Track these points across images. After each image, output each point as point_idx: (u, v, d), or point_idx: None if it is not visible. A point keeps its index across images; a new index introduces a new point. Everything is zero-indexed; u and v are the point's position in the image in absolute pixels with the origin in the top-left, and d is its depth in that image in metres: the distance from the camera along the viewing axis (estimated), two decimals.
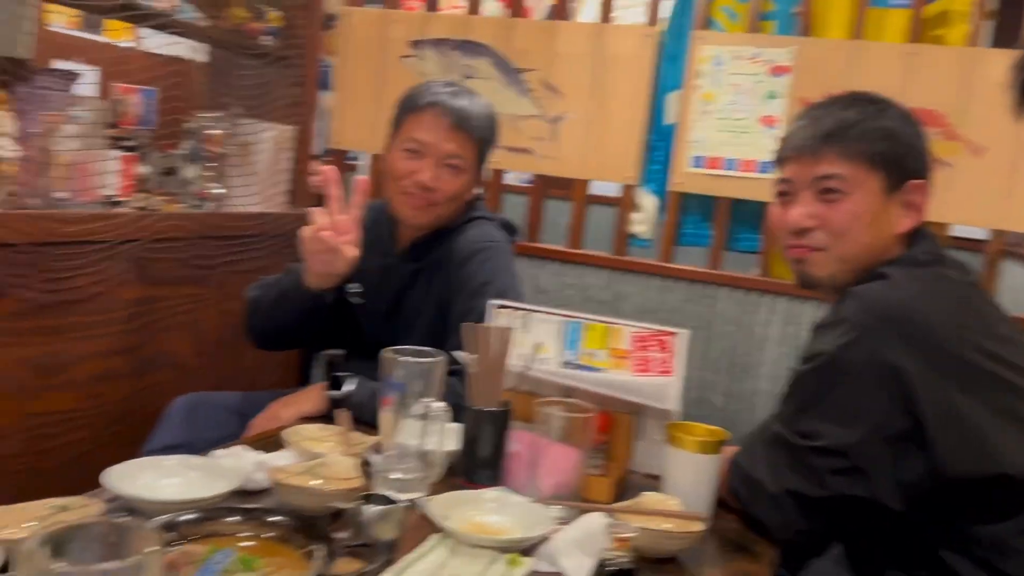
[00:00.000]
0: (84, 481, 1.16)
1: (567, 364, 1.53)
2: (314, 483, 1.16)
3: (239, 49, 2.44)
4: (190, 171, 2.29)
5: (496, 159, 2.26)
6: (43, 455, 1.91)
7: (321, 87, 2.80)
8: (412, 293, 1.85)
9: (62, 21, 3.48)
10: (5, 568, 0.91)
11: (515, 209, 2.70)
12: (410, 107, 1.80)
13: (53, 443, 1.93)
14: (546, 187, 2.73)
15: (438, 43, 2.69)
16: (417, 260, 1.85)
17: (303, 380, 2.20)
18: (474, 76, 2.63)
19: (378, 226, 1.89)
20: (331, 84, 2.87)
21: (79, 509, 1.04)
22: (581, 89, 2.55)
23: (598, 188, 2.76)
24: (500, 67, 2.62)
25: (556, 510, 1.21)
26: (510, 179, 2.88)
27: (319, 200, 3.76)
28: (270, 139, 2.52)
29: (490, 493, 1.25)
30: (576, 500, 1.25)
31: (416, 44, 2.72)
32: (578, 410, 1.26)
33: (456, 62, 2.66)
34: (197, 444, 1.63)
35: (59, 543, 0.68)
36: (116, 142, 2.12)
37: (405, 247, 1.87)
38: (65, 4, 2.00)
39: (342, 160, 2.94)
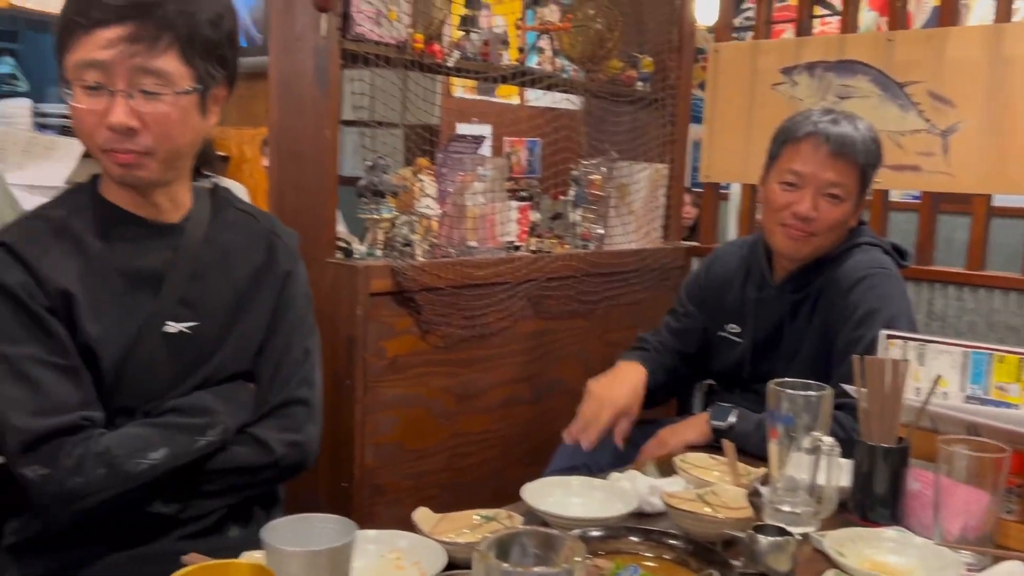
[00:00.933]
0: (494, 495, 1.33)
1: (971, 399, 1.42)
2: (706, 510, 1.21)
3: (614, 97, 2.61)
4: (575, 215, 2.49)
5: (879, 179, 2.16)
6: (462, 471, 2.19)
7: (690, 121, 2.88)
8: (793, 325, 1.83)
9: (463, 89, 3.97)
10: (449, 567, 1.07)
11: (900, 227, 2.54)
12: (787, 138, 1.80)
13: (469, 460, 2.21)
14: (936, 202, 2.54)
15: (811, 66, 2.64)
16: (796, 291, 1.84)
17: (683, 410, 2.27)
18: (851, 96, 2.54)
19: (753, 257, 1.91)
20: (700, 118, 2.95)
21: (503, 520, 1.20)
22: (976, 97, 2.34)
23: (1000, 200, 2.50)
24: (879, 83, 2.50)
25: (966, 555, 1.13)
26: (893, 195, 2.71)
27: (691, 233, 3.84)
28: (645, 178, 2.65)
29: (888, 532, 1.21)
30: (990, 546, 1.16)
31: (787, 71, 2.69)
32: (988, 449, 1.17)
33: (831, 84, 2.59)
34: (594, 467, 1.77)
35: (502, 547, 0.81)
36: (513, 193, 2.38)
37: (783, 278, 1.86)
38: (469, 77, 2.30)
39: (714, 191, 2.99)
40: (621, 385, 1.83)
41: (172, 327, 1.26)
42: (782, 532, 1.10)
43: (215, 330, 1.29)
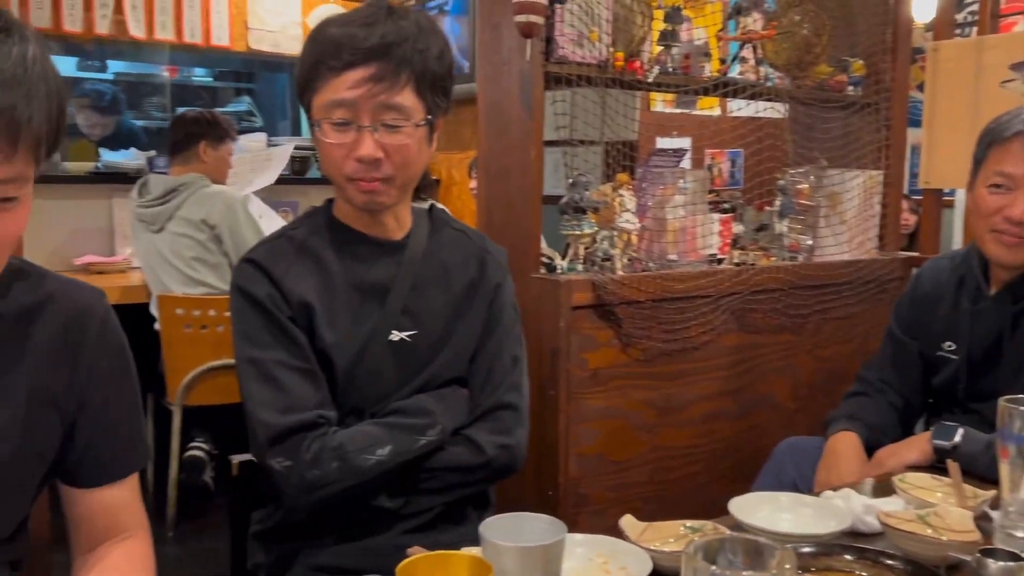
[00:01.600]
0: (699, 509, 1.32)
1: None
2: (928, 532, 1.15)
3: (823, 103, 2.52)
4: (781, 225, 2.42)
5: None
6: (665, 484, 2.18)
7: (908, 125, 2.73)
8: (1015, 337, 1.69)
9: (662, 103, 3.96)
10: (653, 575, 1.08)
11: None
12: (993, 139, 1.67)
13: (673, 474, 2.20)
14: None
15: None
16: (1016, 301, 1.69)
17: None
18: None
19: (967, 268, 1.79)
20: (918, 121, 2.78)
21: (710, 532, 1.19)
22: None
23: None
24: None
25: None
26: None
27: (910, 242, 3.59)
28: (858, 186, 2.54)
29: None
30: None
31: (1018, 67, 2.49)
32: None
33: None
34: (803, 485, 1.71)
35: (709, 553, 0.81)
36: (714, 205, 2.36)
37: (1000, 288, 1.73)
38: (670, 91, 2.31)
39: (936, 198, 2.81)
40: (839, 477, 1.71)
41: (396, 335, 1.36)
42: (1015, 558, 1.02)
43: (433, 338, 1.38)
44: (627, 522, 1.19)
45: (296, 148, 4.41)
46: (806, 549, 1.10)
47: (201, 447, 3.27)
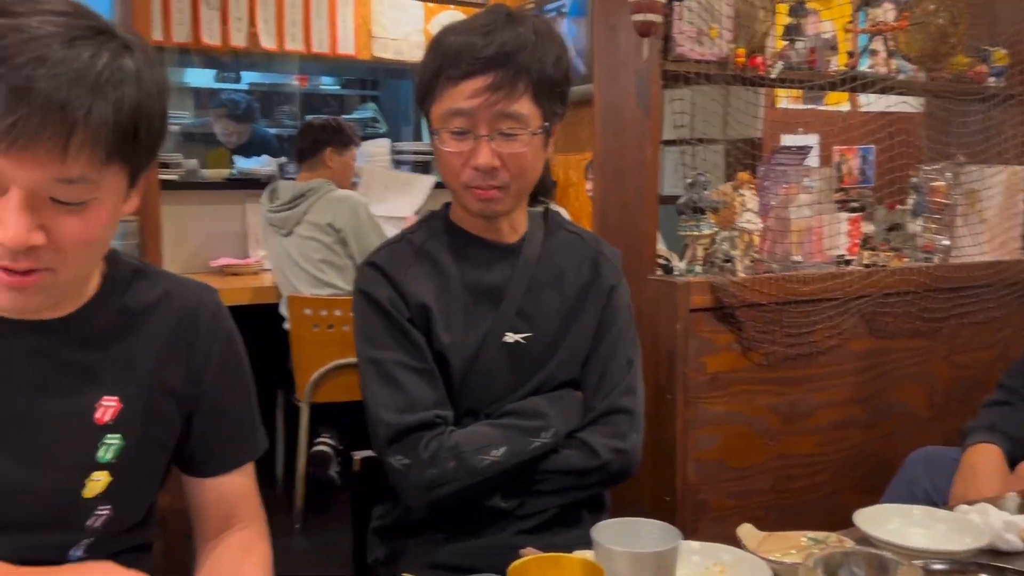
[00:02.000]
0: (825, 520, 1.27)
1: None
2: None
3: (961, 96, 2.39)
4: (915, 225, 2.31)
5: None
6: (789, 493, 2.11)
7: None
8: None
9: (787, 100, 3.84)
10: None
11: None
12: None
13: (798, 483, 2.13)
14: None
15: None
16: None
17: None
18: None
19: None
20: None
21: (833, 544, 1.14)
22: None
23: None
24: None
25: None
26: None
27: None
28: (1000, 183, 2.39)
29: None
30: None
31: None
32: None
33: None
34: (938, 497, 1.62)
35: (830, 566, 0.78)
36: (843, 204, 2.27)
37: None
38: (795, 87, 2.23)
39: None
40: (978, 492, 1.61)
41: (510, 337, 1.37)
42: None
43: (547, 340, 1.39)
44: (746, 531, 1.16)
45: (415, 153, 4.53)
46: (938, 566, 1.04)
47: (327, 443, 3.39)
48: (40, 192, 0.85)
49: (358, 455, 1.54)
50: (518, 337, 1.37)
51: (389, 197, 3.78)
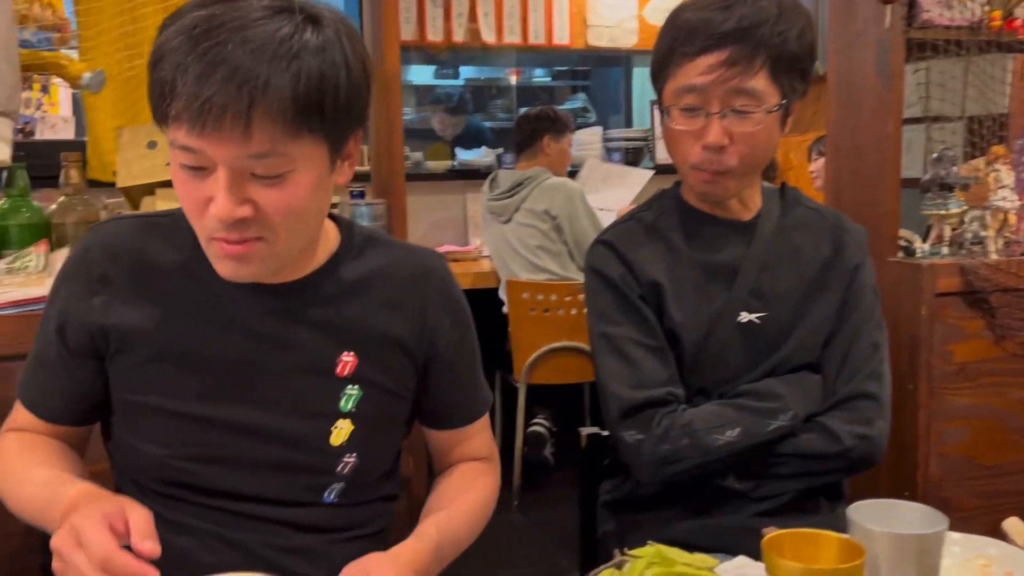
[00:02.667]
0: None
1: None
2: None
3: None
4: None
5: None
6: None
7: None
8: None
9: None
10: None
11: None
12: None
13: None
14: None
15: None
16: None
17: None
18: None
19: None
20: None
21: None
22: None
23: None
24: None
25: None
26: None
27: None
28: None
29: None
30: None
31: None
32: None
33: None
34: None
35: None
36: None
37: None
38: None
39: None
40: None
41: (744, 316, 1.34)
42: None
43: (784, 320, 1.35)
44: (1013, 525, 1.07)
45: (626, 140, 4.53)
46: None
47: (542, 423, 3.47)
48: (240, 168, 0.91)
49: (585, 431, 1.56)
50: (752, 317, 1.34)
51: (603, 189, 3.81)
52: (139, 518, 0.84)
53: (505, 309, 3.31)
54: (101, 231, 1.08)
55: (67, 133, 3.46)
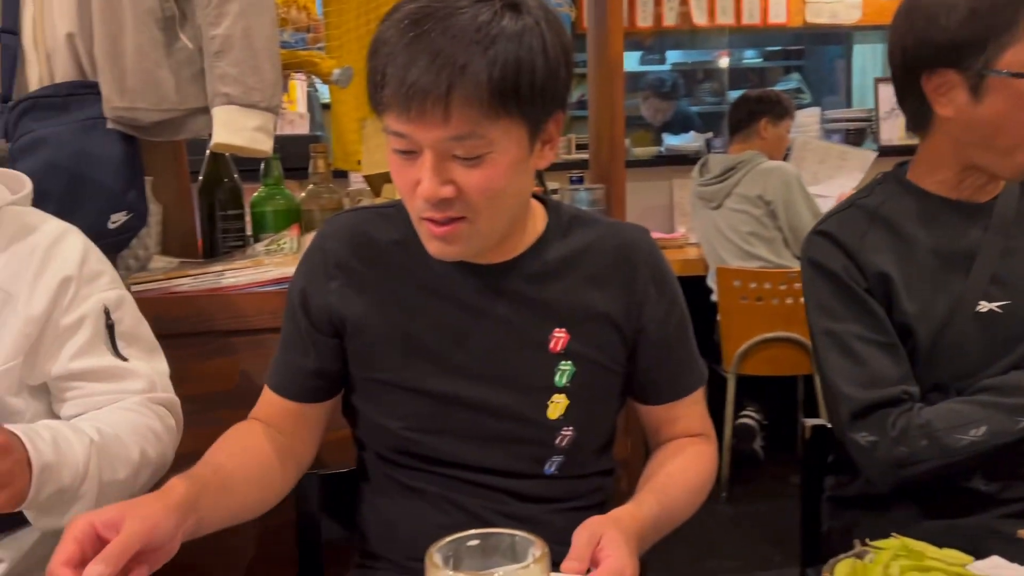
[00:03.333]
0: None
1: None
2: None
3: None
4: None
5: None
6: None
7: None
8: None
9: None
10: None
11: None
12: None
13: None
14: None
15: None
16: None
17: None
18: None
19: None
20: None
21: None
22: None
23: None
24: None
25: None
26: None
27: None
28: None
29: None
30: None
31: None
32: None
33: None
34: None
35: None
36: None
37: None
38: None
39: None
40: None
41: (984, 306, 1.25)
42: None
43: None
44: None
45: (847, 120, 4.29)
46: None
47: (752, 416, 3.39)
48: (442, 150, 0.95)
49: (809, 422, 1.51)
50: (993, 306, 1.25)
51: (821, 174, 3.64)
52: (119, 540, 0.81)
53: (714, 297, 3.25)
54: (336, 222, 1.17)
55: (303, 128, 3.75)
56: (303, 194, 1.83)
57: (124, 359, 1.15)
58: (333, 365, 1.14)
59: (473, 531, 0.71)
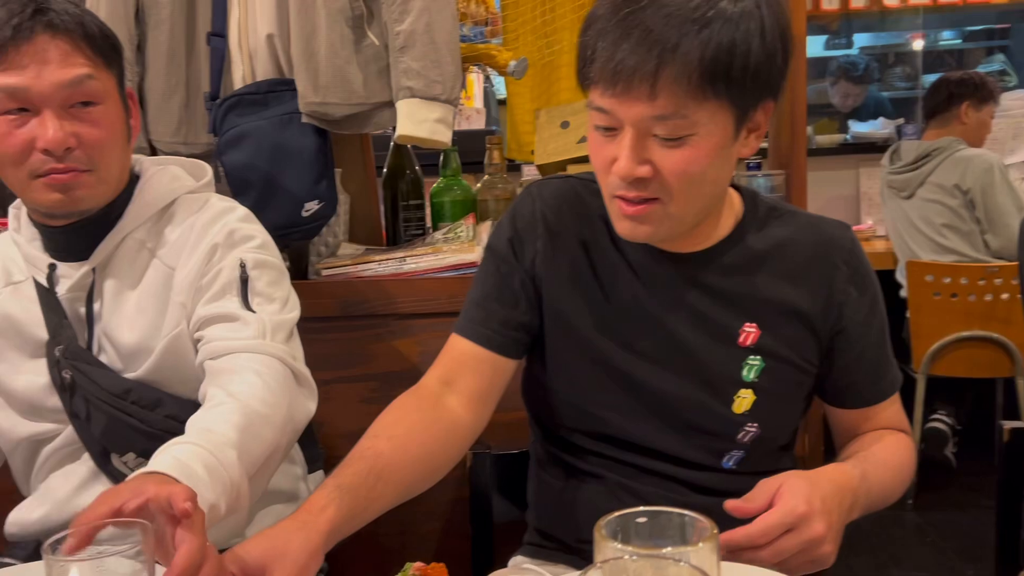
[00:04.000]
0: None
1: None
2: None
3: None
4: None
5: None
6: None
7: None
8: None
9: None
10: None
11: None
12: None
13: None
14: None
15: None
16: None
17: None
18: None
19: None
20: None
21: None
22: None
23: None
24: None
25: None
26: None
27: None
28: None
29: None
30: None
31: None
32: None
33: None
34: None
35: None
36: None
37: None
38: None
39: None
40: None
41: None
42: None
43: None
44: None
45: None
46: None
47: (943, 420, 3.17)
48: (643, 129, 0.94)
49: (1008, 425, 1.40)
50: None
51: (1019, 148, 3.35)
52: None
53: (903, 293, 3.06)
54: (548, 186, 1.17)
55: (479, 124, 3.84)
56: (479, 185, 1.89)
57: (252, 311, 1.14)
58: (535, 319, 1.13)
59: (642, 507, 0.71)
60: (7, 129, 1.09)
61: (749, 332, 1.08)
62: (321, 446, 1.47)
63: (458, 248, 1.68)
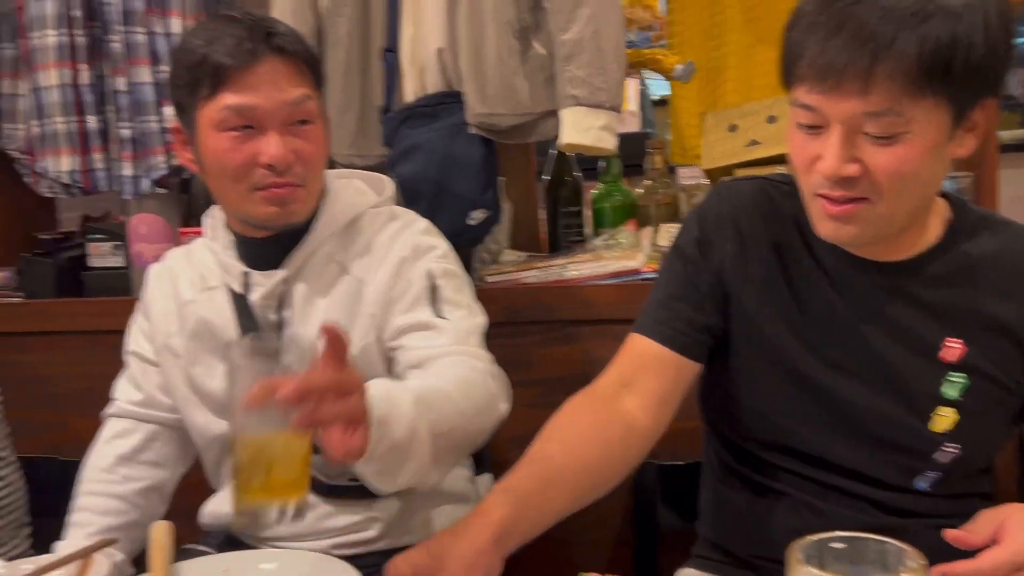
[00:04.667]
0: None
1: None
2: None
3: None
4: None
5: None
6: None
7: None
8: None
9: None
10: None
11: None
12: None
13: None
14: None
15: None
16: None
17: None
18: None
19: None
20: None
21: None
22: None
23: None
24: None
25: None
26: None
27: None
28: None
29: None
30: None
31: None
32: None
33: None
34: None
35: None
36: None
37: None
38: None
39: None
40: None
41: None
42: None
43: None
44: None
45: None
46: None
47: None
48: (853, 126, 0.91)
49: None
50: None
51: None
52: None
53: None
54: (735, 187, 1.15)
55: (633, 126, 3.80)
56: (639, 190, 1.87)
57: (444, 318, 1.17)
58: (720, 323, 1.09)
59: (839, 532, 0.68)
60: (232, 145, 1.16)
61: (952, 347, 1.03)
62: (488, 448, 1.49)
63: (620, 255, 1.67)
